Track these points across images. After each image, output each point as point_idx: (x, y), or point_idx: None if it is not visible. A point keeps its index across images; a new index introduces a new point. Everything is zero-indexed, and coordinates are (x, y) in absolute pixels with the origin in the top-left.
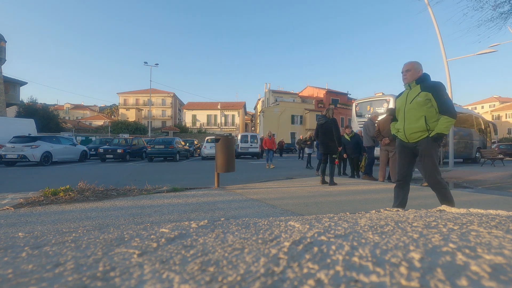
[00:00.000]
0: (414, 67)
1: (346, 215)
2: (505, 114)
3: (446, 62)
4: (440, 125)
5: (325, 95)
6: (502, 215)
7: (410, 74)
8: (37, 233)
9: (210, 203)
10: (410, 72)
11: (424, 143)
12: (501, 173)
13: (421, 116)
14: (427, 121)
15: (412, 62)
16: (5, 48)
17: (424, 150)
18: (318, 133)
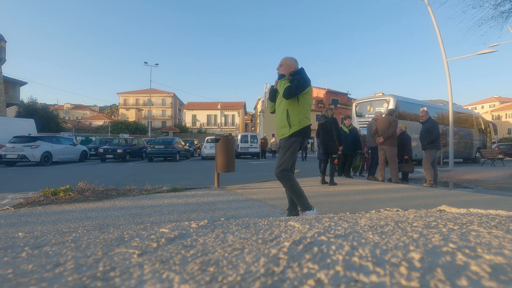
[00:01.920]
0: (287, 62)
1: (346, 215)
2: (505, 114)
3: (446, 62)
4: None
5: (325, 95)
6: (502, 215)
7: (282, 69)
8: (37, 233)
9: (210, 203)
10: (282, 68)
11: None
12: (501, 173)
13: (284, 110)
14: (289, 115)
15: (286, 58)
16: (5, 48)
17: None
18: (319, 132)
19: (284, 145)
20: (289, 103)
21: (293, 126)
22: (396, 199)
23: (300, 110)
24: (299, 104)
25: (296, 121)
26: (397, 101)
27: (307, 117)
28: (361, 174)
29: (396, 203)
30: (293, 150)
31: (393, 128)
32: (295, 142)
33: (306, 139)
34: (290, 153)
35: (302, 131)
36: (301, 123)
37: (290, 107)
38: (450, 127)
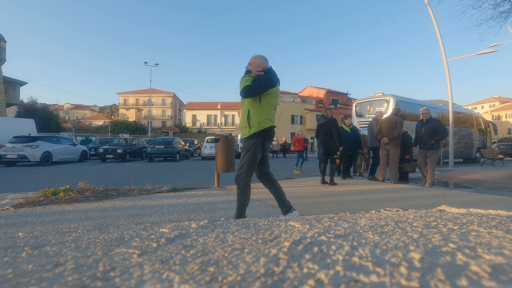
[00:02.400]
0: (256, 61)
1: (346, 215)
2: (505, 114)
3: (446, 62)
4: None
5: (325, 95)
6: (502, 215)
7: (251, 68)
8: (37, 233)
9: (210, 203)
10: (251, 66)
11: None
12: (501, 173)
13: (246, 110)
14: (249, 115)
15: (255, 56)
16: (5, 48)
17: (244, 144)
18: (319, 133)
19: (244, 147)
20: (251, 104)
21: (252, 127)
22: (396, 199)
23: (261, 111)
24: (261, 105)
25: (256, 122)
26: (397, 101)
27: (269, 118)
28: (361, 174)
29: (396, 203)
30: (252, 153)
31: (399, 129)
32: (254, 144)
33: (269, 141)
34: (250, 155)
35: (262, 132)
36: (261, 125)
37: (251, 108)
38: (450, 127)
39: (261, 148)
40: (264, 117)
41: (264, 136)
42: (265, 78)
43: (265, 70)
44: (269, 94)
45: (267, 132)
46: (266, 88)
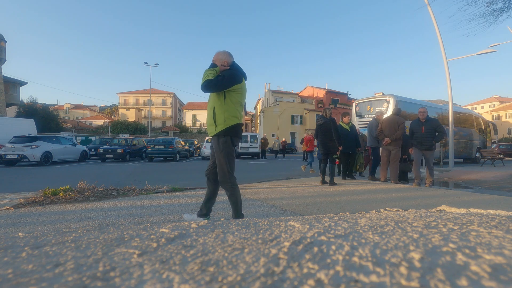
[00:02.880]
0: (219, 57)
1: (346, 215)
2: (505, 114)
3: (446, 62)
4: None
5: (325, 95)
6: (502, 215)
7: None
8: (37, 233)
9: None
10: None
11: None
12: (501, 173)
13: (211, 107)
14: (215, 112)
15: (218, 53)
16: (5, 48)
17: (215, 147)
18: (318, 133)
19: (215, 148)
20: (215, 101)
21: (218, 125)
22: (396, 199)
23: (226, 108)
24: (225, 102)
25: (221, 120)
26: (397, 101)
27: (235, 116)
28: (361, 174)
29: (396, 203)
30: (226, 152)
31: (402, 129)
32: (224, 143)
33: (236, 139)
34: (225, 155)
35: (228, 130)
36: (226, 122)
37: (216, 105)
38: (450, 127)
39: (233, 146)
40: (230, 114)
41: (231, 134)
42: (228, 73)
43: (229, 66)
44: (233, 90)
45: (234, 130)
46: (229, 83)
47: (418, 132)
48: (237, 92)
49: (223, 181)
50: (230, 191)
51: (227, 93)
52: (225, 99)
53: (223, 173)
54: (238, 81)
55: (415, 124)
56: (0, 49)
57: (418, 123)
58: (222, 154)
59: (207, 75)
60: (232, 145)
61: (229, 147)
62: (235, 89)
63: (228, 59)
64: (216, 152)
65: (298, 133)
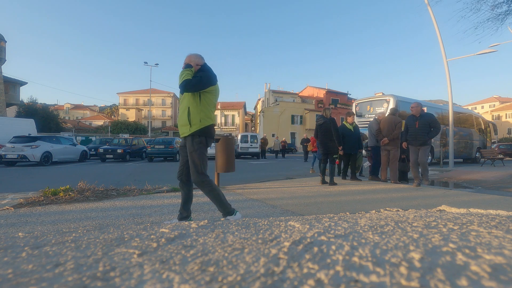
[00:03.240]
0: (191, 60)
1: (346, 215)
2: (505, 114)
3: (446, 62)
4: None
5: (325, 95)
6: (502, 215)
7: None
8: (37, 233)
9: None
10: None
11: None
12: (501, 173)
13: (186, 107)
14: (190, 113)
15: (190, 55)
16: (5, 48)
17: (188, 147)
18: (318, 133)
19: (189, 148)
20: (190, 101)
21: (193, 125)
22: (396, 199)
23: (201, 109)
24: (201, 103)
25: (196, 120)
26: (397, 101)
27: (209, 117)
28: (361, 174)
29: (396, 203)
30: (199, 152)
31: (399, 129)
32: (199, 143)
33: (210, 140)
34: (198, 155)
35: (203, 130)
36: (202, 122)
37: (191, 105)
38: (450, 127)
39: (206, 146)
40: (205, 115)
41: (206, 135)
42: (205, 74)
43: (201, 67)
44: (208, 92)
45: (209, 130)
46: (207, 84)
47: (413, 127)
48: (212, 93)
49: (198, 181)
50: (207, 188)
51: (203, 94)
52: (201, 99)
53: (197, 173)
54: (213, 83)
55: (410, 119)
56: (0, 49)
57: (413, 118)
58: (196, 154)
59: (185, 75)
60: (206, 145)
61: (203, 147)
62: (210, 91)
63: (200, 61)
64: (190, 152)
65: (298, 133)
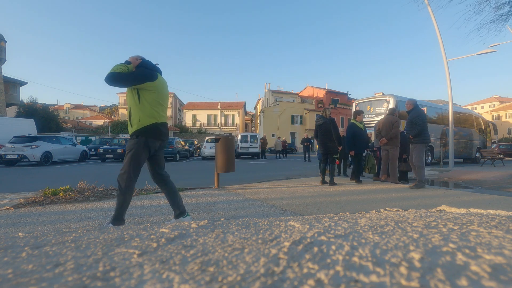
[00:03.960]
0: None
1: (346, 215)
2: (505, 114)
3: (446, 62)
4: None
5: (325, 95)
6: (502, 215)
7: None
8: (37, 233)
9: (210, 203)
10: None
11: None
12: (501, 173)
13: (128, 108)
14: (130, 113)
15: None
16: (5, 48)
17: (127, 145)
18: (317, 133)
19: (127, 147)
20: (130, 101)
21: (133, 125)
22: (396, 199)
23: (140, 108)
24: (140, 102)
25: (136, 120)
26: (397, 101)
27: (152, 116)
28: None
29: (396, 203)
30: (134, 153)
31: (396, 128)
32: (136, 144)
33: (153, 140)
34: (131, 156)
35: (143, 131)
36: (141, 122)
37: (131, 105)
38: (450, 127)
39: (146, 148)
40: (145, 114)
41: (146, 135)
42: (138, 71)
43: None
44: (147, 89)
45: (150, 130)
46: (139, 79)
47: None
48: (152, 91)
49: (120, 179)
50: (121, 191)
51: (141, 92)
52: (140, 98)
53: (123, 172)
54: (149, 79)
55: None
56: (0, 49)
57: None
58: (129, 153)
59: (115, 68)
60: (146, 147)
61: (139, 148)
62: (148, 88)
63: (141, 59)
64: (126, 150)
65: (298, 133)
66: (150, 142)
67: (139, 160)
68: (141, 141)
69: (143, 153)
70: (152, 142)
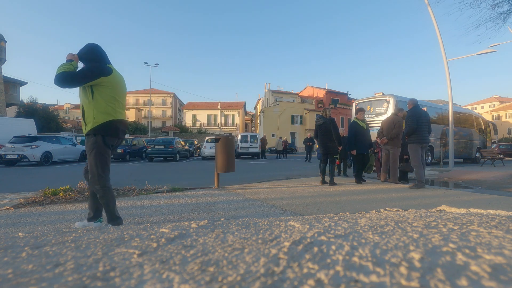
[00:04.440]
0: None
1: (346, 215)
2: (505, 114)
3: (446, 62)
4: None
5: (325, 95)
6: (502, 215)
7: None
8: (37, 233)
9: (210, 203)
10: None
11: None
12: (501, 173)
13: (81, 106)
14: (84, 111)
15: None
16: (5, 48)
17: (86, 146)
18: (317, 133)
19: (86, 149)
20: (83, 99)
21: (88, 124)
22: (396, 199)
23: (95, 105)
24: (94, 99)
25: (90, 118)
26: (397, 101)
27: (108, 112)
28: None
29: (396, 203)
30: (97, 152)
31: (397, 129)
32: (95, 143)
33: (110, 138)
34: (95, 156)
35: (98, 129)
36: (96, 120)
37: (84, 103)
38: (450, 127)
39: (106, 145)
40: (99, 111)
41: (102, 133)
42: (88, 66)
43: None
44: (101, 85)
45: (106, 128)
46: (90, 76)
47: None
48: (107, 86)
49: (93, 183)
50: (100, 193)
51: (95, 88)
52: (93, 95)
53: (93, 174)
54: (103, 73)
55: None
56: (0, 49)
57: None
58: (91, 154)
59: (62, 68)
60: (105, 144)
61: (100, 146)
62: (103, 84)
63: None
64: (87, 153)
65: (298, 133)
66: (107, 139)
67: (104, 158)
68: (99, 139)
69: (106, 150)
70: (109, 139)
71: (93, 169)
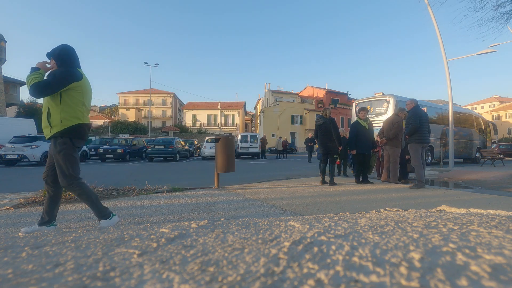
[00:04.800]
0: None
1: (346, 215)
2: (505, 114)
3: (446, 62)
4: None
5: (325, 95)
6: (502, 215)
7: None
8: (37, 233)
9: (210, 203)
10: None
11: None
12: (501, 173)
13: (46, 108)
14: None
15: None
16: (5, 48)
17: (52, 149)
18: (317, 133)
19: (53, 151)
20: (50, 101)
21: (54, 127)
22: (396, 199)
23: (62, 108)
24: (62, 102)
25: (57, 121)
26: (397, 101)
27: (76, 116)
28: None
29: (396, 203)
30: (66, 153)
31: (395, 129)
32: (64, 144)
33: (77, 140)
34: (63, 157)
35: (65, 132)
36: (63, 123)
37: (51, 106)
38: (450, 127)
39: (74, 146)
40: (68, 115)
41: (70, 136)
42: (60, 71)
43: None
44: (71, 89)
45: (74, 131)
46: (63, 82)
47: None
48: (76, 90)
49: (67, 185)
50: (77, 191)
51: (64, 92)
52: (61, 99)
53: (64, 176)
54: (75, 79)
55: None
56: (0, 49)
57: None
58: (60, 156)
59: (31, 79)
60: (73, 145)
61: (69, 147)
62: (73, 88)
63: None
64: (54, 155)
65: (298, 133)
66: (75, 142)
67: (73, 158)
68: (66, 141)
69: (74, 151)
70: (77, 142)
71: (63, 170)
